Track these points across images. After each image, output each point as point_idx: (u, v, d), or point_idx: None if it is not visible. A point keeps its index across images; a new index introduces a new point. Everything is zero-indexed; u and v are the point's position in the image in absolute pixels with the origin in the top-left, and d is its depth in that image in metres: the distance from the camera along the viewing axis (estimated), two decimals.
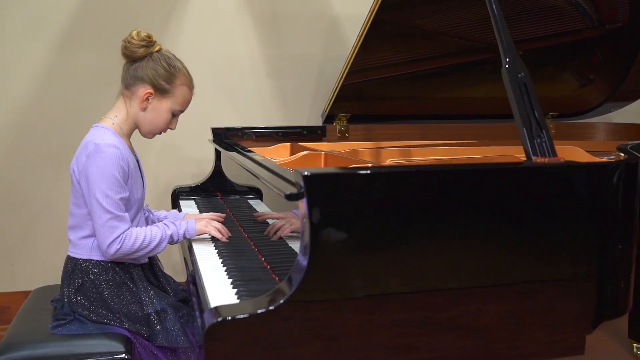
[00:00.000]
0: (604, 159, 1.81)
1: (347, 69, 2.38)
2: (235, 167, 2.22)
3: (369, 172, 1.09)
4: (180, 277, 1.91)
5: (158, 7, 2.90)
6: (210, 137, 2.57)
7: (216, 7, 2.98)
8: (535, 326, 1.23)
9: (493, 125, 2.81)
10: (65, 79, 2.84)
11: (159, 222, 1.87)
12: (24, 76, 2.80)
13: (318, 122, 2.89)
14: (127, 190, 1.58)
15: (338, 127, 2.63)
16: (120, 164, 1.56)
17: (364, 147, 2.44)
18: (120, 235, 1.54)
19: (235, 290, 1.30)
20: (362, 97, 2.63)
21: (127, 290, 1.62)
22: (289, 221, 1.49)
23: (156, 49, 1.67)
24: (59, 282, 1.71)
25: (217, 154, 2.47)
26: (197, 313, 1.30)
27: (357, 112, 2.66)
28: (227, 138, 2.49)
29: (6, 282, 2.92)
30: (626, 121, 3.32)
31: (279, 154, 2.47)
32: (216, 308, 1.08)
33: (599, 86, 2.95)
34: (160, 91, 1.66)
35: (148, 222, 1.85)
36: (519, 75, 1.34)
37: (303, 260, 1.05)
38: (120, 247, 1.54)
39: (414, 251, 1.12)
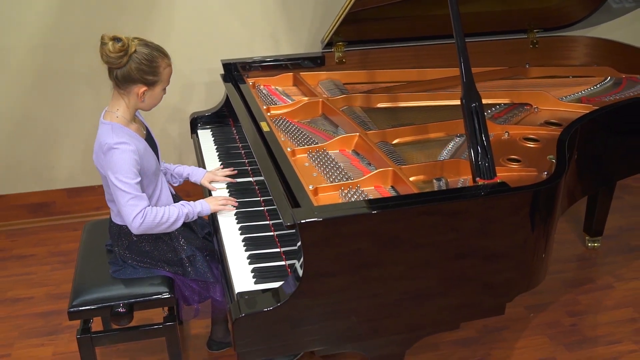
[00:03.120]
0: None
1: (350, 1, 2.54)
2: None
3: (346, 217, 1.48)
4: None
5: None
6: (220, 57, 2.82)
7: None
8: (468, 291, 1.69)
9: (478, 43, 3.01)
10: (80, 6, 3.04)
11: (180, 176, 2.28)
12: (43, 2, 2.99)
13: (318, 34, 3.11)
14: (139, 176, 1.89)
15: (336, 55, 2.88)
16: (132, 156, 1.86)
17: (357, 80, 2.72)
18: (141, 210, 1.88)
19: (252, 274, 1.75)
20: (359, 22, 2.81)
21: (162, 242, 2.05)
22: None
23: (132, 49, 1.83)
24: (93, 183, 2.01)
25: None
26: (219, 257, 1.79)
27: (354, 38, 2.89)
28: (236, 70, 2.77)
29: (49, 182, 3.39)
30: (610, 26, 3.49)
31: (282, 83, 2.77)
32: (239, 303, 1.55)
33: None
34: (151, 83, 1.90)
35: (167, 177, 2.22)
36: (473, 105, 1.63)
37: (299, 272, 1.50)
38: (143, 220, 1.88)
39: (376, 268, 1.54)
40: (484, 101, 1.70)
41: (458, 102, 1.66)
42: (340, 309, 1.56)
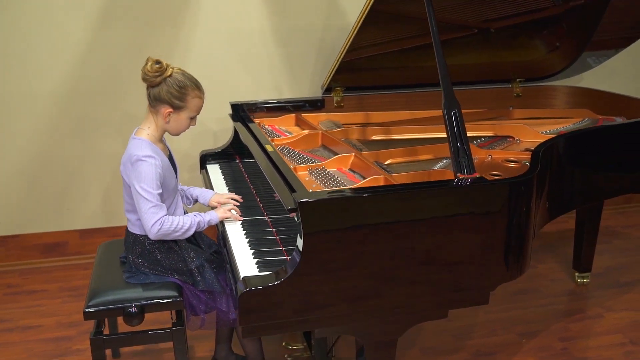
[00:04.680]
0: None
1: (344, 50, 2.80)
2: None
3: (341, 198, 1.68)
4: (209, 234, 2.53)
5: None
6: (228, 106, 3.09)
7: None
8: (460, 289, 1.84)
9: (465, 91, 3.28)
10: (103, 51, 3.34)
11: (191, 197, 2.48)
12: (68, 51, 3.29)
13: (320, 84, 3.38)
14: (160, 188, 2.09)
15: (335, 99, 3.14)
16: (157, 170, 2.07)
17: (354, 121, 2.97)
18: (160, 219, 2.07)
19: (256, 261, 1.91)
20: (355, 71, 3.09)
21: (173, 252, 2.22)
22: None
23: (168, 73, 2.07)
24: (108, 225, 2.24)
25: (236, 129, 3.00)
26: (228, 266, 1.94)
27: (351, 85, 3.16)
28: (243, 111, 3.02)
29: (64, 222, 3.57)
30: (588, 76, 3.80)
31: (285, 124, 3.01)
32: (244, 279, 1.70)
33: (563, 52, 3.39)
34: (177, 107, 2.13)
35: (184, 198, 2.43)
36: (453, 112, 1.85)
37: (297, 257, 1.66)
38: (161, 227, 2.07)
39: (368, 249, 1.71)
40: (468, 134, 1.91)
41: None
42: (337, 288, 1.71)
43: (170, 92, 2.10)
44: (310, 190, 1.81)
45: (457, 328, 2.89)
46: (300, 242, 1.66)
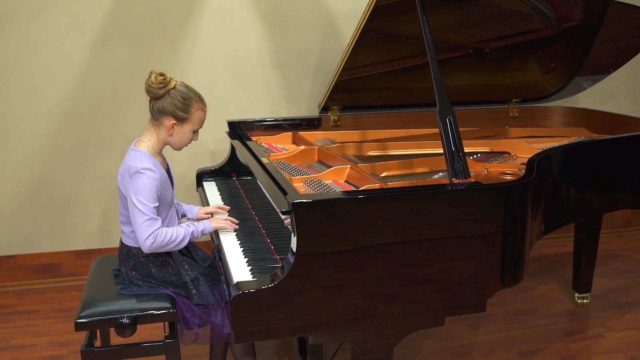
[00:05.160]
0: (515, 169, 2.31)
1: (339, 70, 2.85)
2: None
3: (335, 199, 1.67)
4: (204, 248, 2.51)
5: (179, 8, 3.38)
6: (225, 121, 3.10)
7: (228, 7, 3.44)
8: (456, 295, 1.81)
9: (461, 111, 3.30)
10: (102, 72, 3.37)
11: (180, 213, 2.46)
12: (67, 71, 3.32)
13: (317, 105, 3.41)
14: (157, 202, 2.07)
15: (332, 117, 3.16)
16: (155, 183, 2.06)
17: (351, 139, 2.98)
18: (153, 232, 2.04)
19: (249, 267, 1.89)
20: (352, 91, 3.12)
21: (168, 265, 2.19)
22: None
23: (172, 85, 2.08)
24: (104, 246, 2.24)
25: (233, 146, 3.01)
26: (223, 278, 1.91)
27: (347, 104, 3.18)
28: (240, 129, 3.03)
29: (58, 243, 3.55)
30: (584, 99, 3.84)
31: (281, 142, 3.02)
32: (237, 283, 1.68)
33: (559, 74, 3.42)
34: (181, 119, 2.13)
35: (178, 213, 2.42)
36: (447, 118, 1.86)
37: (291, 258, 1.65)
38: (154, 240, 2.04)
39: (365, 253, 1.70)
40: (465, 150, 1.91)
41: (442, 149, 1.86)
42: (331, 291, 1.69)
43: (174, 104, 2.10)
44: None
45: (457, 347, 2.84)
46: (294, 245, 1.65)
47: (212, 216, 2.38)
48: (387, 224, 1.69)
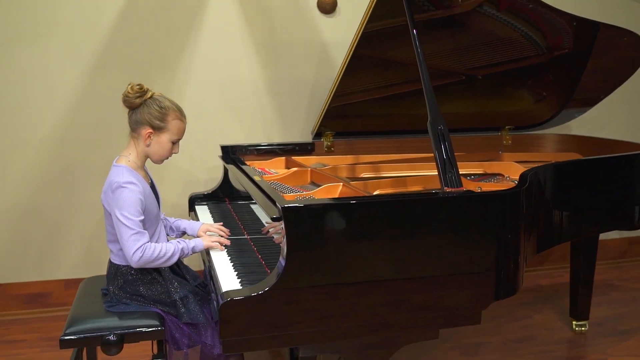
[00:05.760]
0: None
1: (331, 95, 2.88)
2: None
3: (325, 204, 1.65)
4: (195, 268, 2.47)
5: (174, 38, 3.42)
6: (219, 149, 3.11)
7: (223, 36, 3.49)
8: (449, 306, 1.78)
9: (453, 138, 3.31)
10: (96, 100, 3.38)
11: (177, 229, 2.43)
12: (61, 98, 3.33)
13: (311, 133, 3.42)
14: (142, 215, 2.05)
15: (325, 143, 3.16)
16: (138, 196, 2.03)
17: (344, 163, 2.97)
18: (141, 246, 2.01)
19: (239, 280, 1.85)
20: (345, 117, 3.14)
21: (157, 283, 2.15)
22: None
23: (149, 95, 2.08)
24: (94, 274, 2.23)
25: (226, 170, 3.01)
26: (213, 295, 1.86)
27: (340, 130, 3.19)
28: (233, 153, 3.03)
29: (49, 272, 3.49)
30: (578, 130, 3.87)
31: (275, 166, 3.01)
32: (226, 292, 1.64)
33: (550, 102, 3.45)
34: (158, 129, 2.11)
35: (166, 229, 2.38)
36: (439, 128, 1.86)
37: (282, 262, 1.61)
38: (142, 255, 2.01)
39: (354, 262, 1.67)
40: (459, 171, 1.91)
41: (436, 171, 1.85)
42: (322, 299, 1.65)
43: (150, 113, 2.09)
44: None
45: None
46: (284, 251, 1.62)
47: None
48: (378, 231, 1.67)
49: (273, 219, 1.67)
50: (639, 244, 4.38)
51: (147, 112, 2.09)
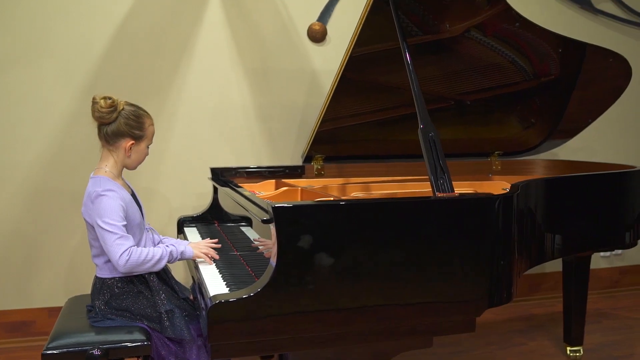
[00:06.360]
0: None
1: (320, 119, 2.89)
2: (230, 199, 2.74)
3: (315, 204, 1.63)
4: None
5: (166, 63, 3.45)
6: (209, 174, 3.10)
7: (214, 62, 3.51)
8: (441, 311, 1.74)
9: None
10: (86, 123, 3.35)
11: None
12: (52, 121, 3.32)
13: (301, 157, 3.41)
14: (125, 220, 2.02)
15: (315, 166, 3.15)
16: (119, 202, 2.01)
17: (334, 184, 2.96)
18: (127, 249, 1.96)
19: (228, 288, 1.81)
20: (335, 141, 3.14)
21: (143, 297, 2.10)
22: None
23: (121, 107, 2.07)
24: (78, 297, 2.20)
25: (215, 189, 3.00)
26: (203, 310, 1.83)
27: (330, 154, 3.19)
28: (223, 176, 3.02)
29: (32, 299, 3.41)
30: (568, 158, 3.90)
31: (265, 189, 2.99)
32: (215, 295, 1.60)
33: (538, 128, 3.48)
34: (138, 138, 2.11)
35: (154, 240, 2.35)
36: (430, 135, 1.86)
37: (273, 263, 1.58)
38: (129, 258, 1.96)
39: (346, 264, 1.64)
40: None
41: (428, 188, 1.84)
42: (312, 303, 1.61)
43: (129, 124, 2.09)
44: None
45: None
46: (274, 253, 1.59)
47: None
48: (370, 232, 1.64)
49: (263, 221, 1.64)
50: (630, 274, 4.37)
51: (124, 123, 2.09)
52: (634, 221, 2.65)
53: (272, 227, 1.62)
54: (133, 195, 2.20)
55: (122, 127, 2.08)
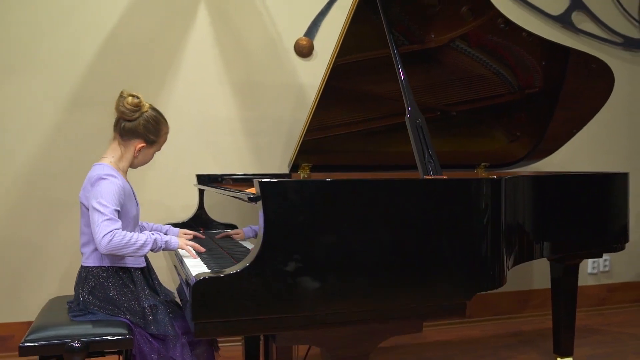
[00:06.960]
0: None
1: (306, 128, 2.89)
2: (215, 205, 2.72)
3: (302, 181, 1.61)
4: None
5: (153, 76, 3.45)
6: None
7: (201, 76, 3.53)
8: (430, 293, 1.71)
9: None
10: (72, 135, 3.34)
11: (158, 230, 2.37)
12: (38, 131, 3.30)
13: (288, 166, 3.39)
14: (120, 206, 1.99)
15: (302, 175, 3.14)
16: (118, 188, 1.99)
17: None
18: (112, 230, 1.91)
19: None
20: (321, 151, 3.13)
21: (128, 290, 2.06)
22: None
23: (145, 109, 2.12)
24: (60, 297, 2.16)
25: (201, 197, 2.96)
26: (187, 296, 1.79)
27: (317, 163, 3.18)
28: (209, 183, 2.99)
29: (11, 313, 3.32)
30: (551, 169, 3.91)
31: None
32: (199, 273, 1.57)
33: (524, 141, 3.51)
34: (150, 142, 2.14)
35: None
36: (417, 121, 1.87)
37: (260, 240, 1.55)
38: (112, 239, 1.90)
39: (333, 242, 1.61)
40: None
41: None
42: (296, 285, 1.58)
43: (147, 128, 2.11)
44: None
45: None
46: (261, 230, 1.57)
47: None
48: (357, 210, 1.63)
49: (250, 199, 1.62)
50: (618, 291, 4.35)
51: (143, 125, 2.11)
52: (620, 225, 2.65)
53: (259, 204, 1.59)
54: (132, 191, 2.19)
55: (140, 128, 2.10)
